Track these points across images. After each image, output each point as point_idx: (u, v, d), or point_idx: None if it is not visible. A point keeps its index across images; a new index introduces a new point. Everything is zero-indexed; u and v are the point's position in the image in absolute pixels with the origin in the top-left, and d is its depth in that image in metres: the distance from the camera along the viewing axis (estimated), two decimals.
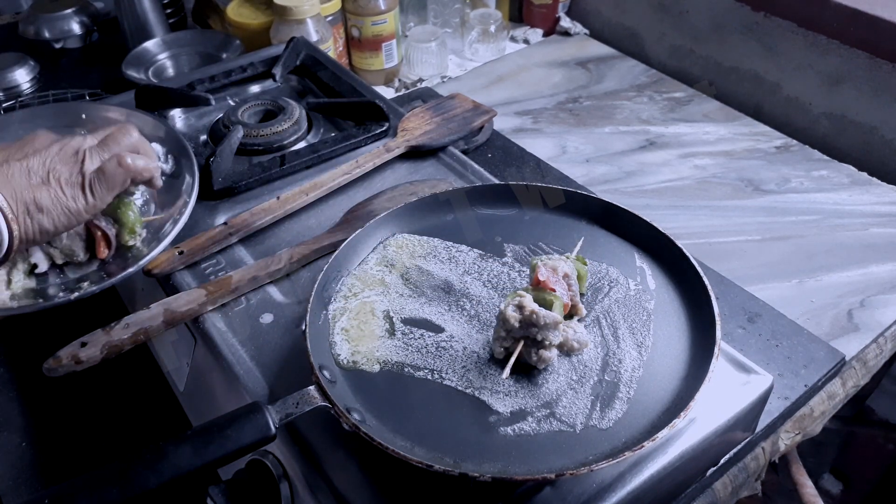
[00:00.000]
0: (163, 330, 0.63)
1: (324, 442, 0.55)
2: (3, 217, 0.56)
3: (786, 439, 0.71)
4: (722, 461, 0.64)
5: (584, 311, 0.60)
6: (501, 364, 0.55)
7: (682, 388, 0.53)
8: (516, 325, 0.54)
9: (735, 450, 0.65)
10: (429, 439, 0.51)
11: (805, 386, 0.69)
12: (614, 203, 0.67)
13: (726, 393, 0.58)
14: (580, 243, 0.64)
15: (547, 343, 0.54)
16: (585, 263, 0.62)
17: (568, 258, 0.60)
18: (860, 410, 1.14)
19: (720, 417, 0.57)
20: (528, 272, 0.64)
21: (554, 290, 0.56)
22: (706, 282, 0.58)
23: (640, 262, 0.64)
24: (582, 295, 0.61)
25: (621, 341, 0.58)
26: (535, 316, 0.53)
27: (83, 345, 0.59)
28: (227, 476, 0.58)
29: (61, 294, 0.65)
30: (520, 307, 0.54)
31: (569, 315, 0.59)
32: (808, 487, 0.81)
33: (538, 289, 0.57)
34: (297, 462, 0.54)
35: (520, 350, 0.55)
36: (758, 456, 0.68)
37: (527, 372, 0.56)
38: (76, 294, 0.64)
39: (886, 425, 1.15)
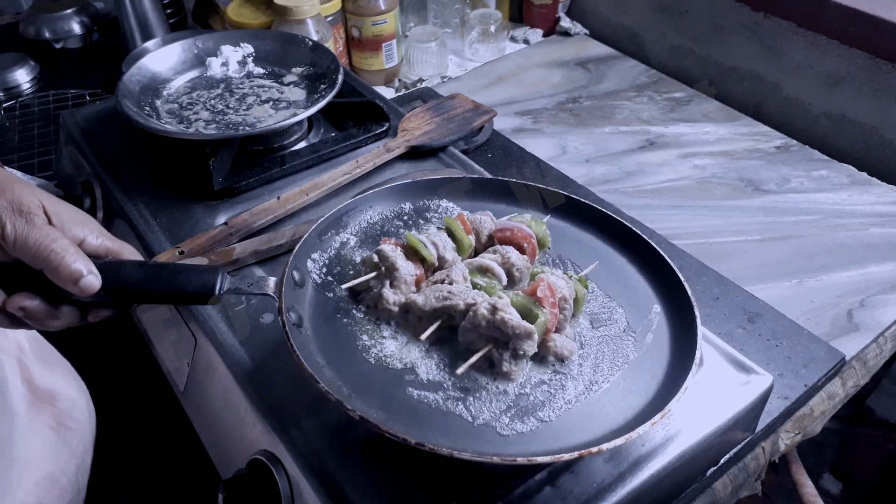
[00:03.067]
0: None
1: (324, 442, 0.55)
2: None
3: (786, 439, 0.71)
4: (722, 461, 0.64)
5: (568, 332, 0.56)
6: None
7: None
8: (483, 322, 0.51)
9: (735, 450, 0.65)
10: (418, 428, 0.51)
11: (805, 386, 0.69)
12: (647, 240, 0.62)
13: (726, 393, 0.58)
14: (592, 267, 0.61)
15: (521, 353, 0.52)
16: (587, 287, 0.59)
17: (571, 277, 0.58)
18: (860, 410, 1.14)
19: (720, 417, 0.57)
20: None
21: (544, 308, 0.53)
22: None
23: (656, 312, 0.58)
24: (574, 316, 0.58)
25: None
26: (504, 323, 0.51)
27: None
28: (228, 476, 0.58)
29: None
30: (493, 309, 0.52)
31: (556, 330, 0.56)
32: (807, 487, 0.81)
33: (529, 298, 0.54)
34: (298, 461, 0.54)
35: (488, 352, 0.52)
36: (758, 456, 0.68)
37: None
38: None
39: (886, 425, 1.15)
